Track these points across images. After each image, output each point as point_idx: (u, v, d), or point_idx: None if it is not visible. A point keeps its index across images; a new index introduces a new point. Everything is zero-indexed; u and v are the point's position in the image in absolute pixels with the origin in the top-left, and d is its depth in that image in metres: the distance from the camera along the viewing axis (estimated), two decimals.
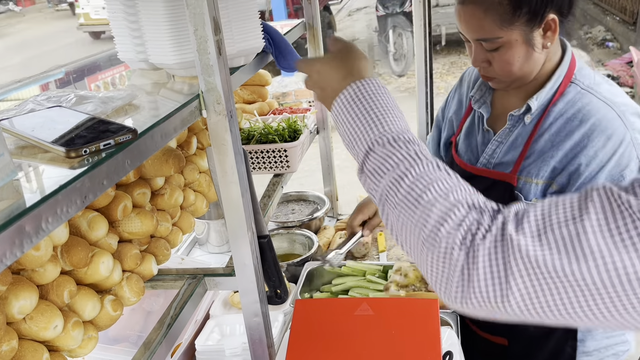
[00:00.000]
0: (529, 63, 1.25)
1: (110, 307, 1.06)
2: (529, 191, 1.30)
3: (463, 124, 1.51)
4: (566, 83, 1.28)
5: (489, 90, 1.43)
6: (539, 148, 1.28)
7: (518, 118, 1.33)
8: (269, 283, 1.34)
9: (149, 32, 1.21)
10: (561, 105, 1.27)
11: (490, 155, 1.38)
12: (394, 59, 8.58)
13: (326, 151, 2.47)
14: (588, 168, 1.21)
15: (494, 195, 1.29)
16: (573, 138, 1.23)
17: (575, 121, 1.24)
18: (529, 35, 1.21)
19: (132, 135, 0.84)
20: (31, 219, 0.63)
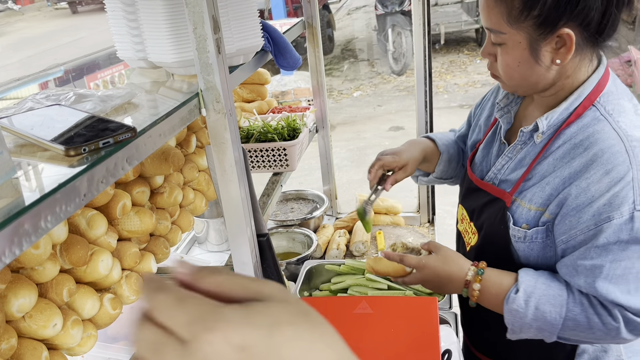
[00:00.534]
0: (531, 73, 1.14)
1: (109, 305, 1.06)
2: (520, 215, 1.21)
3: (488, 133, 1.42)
4: (587, 105, 1.14)
5: (516, 100, 1.33)
6: (541, 172, 1.18)
7: (529, 135, 1.23)
8: None
9: (148, 31, 1.21)
10: (574, 129, 1.14)
11: (498, 171, 1.29)
12: (393, 58, 8.58)
13: (325, 150, 2.47)
14: (576, 200, 1.10)
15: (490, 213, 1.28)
16: (572, 165, 1.12)
17: (581, 148, 1.12)
18: (535, 43, 1.10)
19: (132, 134, 0.84)
20: (30, 217, 0.63)
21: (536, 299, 1.14)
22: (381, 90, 8.10)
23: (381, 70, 8.98)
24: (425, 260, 1.26)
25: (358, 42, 10.90)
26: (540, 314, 1.14)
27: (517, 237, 1.22)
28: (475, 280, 1.21)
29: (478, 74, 8.24)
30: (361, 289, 1.71)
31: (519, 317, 1.16)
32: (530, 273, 1.18)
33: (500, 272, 1.22)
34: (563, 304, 1.13)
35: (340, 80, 8.76)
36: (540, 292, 1.14)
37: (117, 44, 1.32)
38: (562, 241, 1.15)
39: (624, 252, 1.07)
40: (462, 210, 1.43)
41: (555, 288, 1.15)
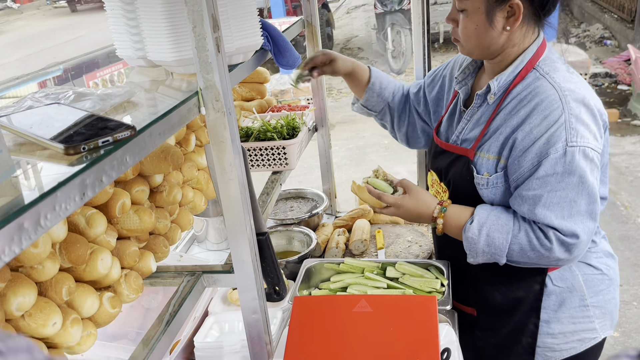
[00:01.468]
0: (485, 37, 1.34)
1: (109, 304, 1.06)
2: (481, 165, 1.41)
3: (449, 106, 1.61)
4: (528, 69, 1.37)
5: (471, 74, 1.54)
6: (495, 126, 1.39)
7: (483, 98, 1.43)
8: (267, 280, 1.35)
9: (148, 29, 1.21)
10: (520, 88, 1.37)
11: (460, 132, 1.50)
12: (392, 57, 8.57)
13: (325, 148, 2.47)
14: (522, 142, 1.31)
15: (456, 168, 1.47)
16: (519, 115, 1.33)
17: (525, 101, 1.34)
18: (490, 10, 1.30)
19: (131, 133, 0.84)
20: (30, 216, 0.63)
21: (487, 228, 1.37)
22: None
23: (381, 69, 8.97)
24: (400, 200, 1.49)
25: (357, 41, 10.89)
26: (491, 240, 1.37)
27: (481, 185, 1.42)
28: (439, 217, 1.45)
29: None
30: (360, 288, 1.71)
31: (474, 243, 1.39)
32: (485, 207, 1.41)
33: (462, 208, 1.45)
34: (509, 231, 1.35)
35: (339, 79, 8.74)
36: (490, 222, 1.37)
37: (116, 43, 1.32)
38: (514, 180, 1.35)
39: (559, 183, 1.28)
40: (432, 175, 1.62)
41: (504, 219, 1.37)
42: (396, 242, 2.20)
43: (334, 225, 2.42)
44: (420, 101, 1.81)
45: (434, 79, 1.75)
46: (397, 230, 2.29)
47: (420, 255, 2.08)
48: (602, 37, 8.71)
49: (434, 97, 1.74)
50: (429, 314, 1.28)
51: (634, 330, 3.07)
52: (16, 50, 12.36)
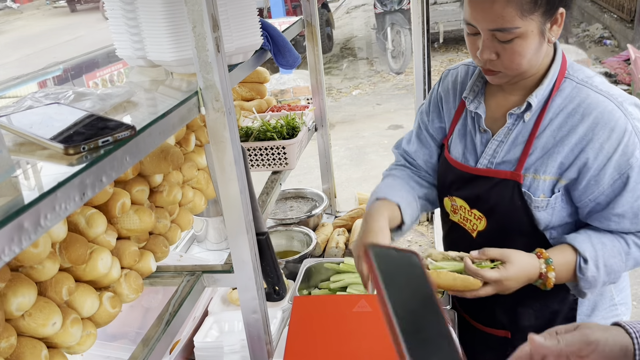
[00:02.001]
0: (537, 56, 1.26)
1: (108, 303, 1.06)
2: (536, 188, 1.31)
3: (454, 127, 1.48)
4: (561, 79, 1.30)
5: (481, 91, 1.43)
6: (542, 144, 1.30)
7: (517, 116, 1.33)
8: (267, 280, 1.35)
9: (147, 29, 1.21)
10: (559, 100, 1.29)
11: (491, 156, 1.37)
12: (392, 57, 8.57)
13: (324, 148, 2.47)
14: (596, 161, 1.24)
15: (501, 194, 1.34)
16: (577, 132, 1.25)
17: (577, 115, 1.26)
18: (543, 27, 1.22)
19: (131, 132, 0.84)
20: (30, 216, 0.63)
21: (602, 259, 1.27)
22: (380, 88, 8.10)
23: (380, 68, 8.98)
24: (505, 273, 1.24)
25: (357, 41, 10.90)
26: (610, 269, 1.28)
27: (540, 207, 1.32)
28: (549, 270, 1.28)
29: None
30: (360, 288, 1.71)
31: (595, 281, 1.29)
32: (582, 239, 1.30)
33: (561, 251, 1.30)
34: (621, 251, 1.29)
35: (339, 78, 8.75)
36: (601, 253, 1.28)
37: (116, 43, 1.32)
38: (590, 200, 1.28)
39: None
40: (453, 202, 1.47)
41: (608, 242, 1.29)
42: (395, 242, 2.20)
43: (334, 225, 2.42)
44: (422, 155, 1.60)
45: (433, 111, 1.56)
46: None
47: None
48: (601, 37, 8.71)
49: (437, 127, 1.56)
50: None
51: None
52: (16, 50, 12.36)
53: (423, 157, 1.60)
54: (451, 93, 1.52)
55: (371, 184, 5.08)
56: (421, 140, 1.60)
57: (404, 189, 1.54)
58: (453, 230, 1.53)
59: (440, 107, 1.55)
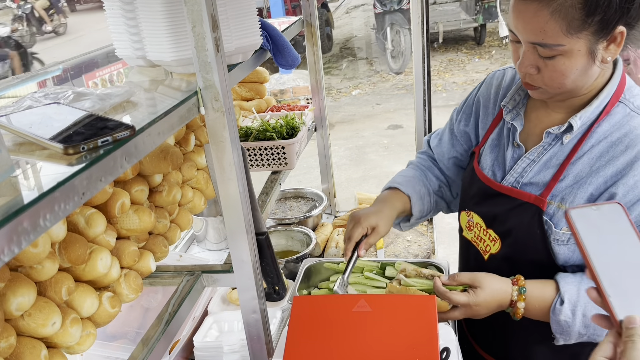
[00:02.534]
0: (584, 76, 1.11)
1: (108, 303, 1.06)
2: (560, 218, 1.18)
3: (489, 135, 1.37)
4: (614, 102, 1.15)
5: (522, 101, 1.29)
6: (576, 172, 1.17)
7: (555, 136, 1.20)
8: (267, 280, 1.35)
9: (147, 29, 1.21)
10: (606, 126, 1.15)
11: (519, 174, 1.25)
12: (391, 57, 8.58)
13: (324, 148, 2.47)
14: (624, 198, 1.10)
15: (521, 218, 1.23)
16: (615, 165, 1.12)
17: (621, 146, 1.12)
18: (593, 47, 1.06)
19: (130, 132, 0.84)
20: (29, 216, 0.63)
21: (582, 307, 1.14)
22: (380, 88, 8.10)
23: (380, 68, 8.98)
24: (474, 298, 1.22)
25: (357, 41, 10.90)
26: (589, 321, 1.14)
27: (560, 241, 1.20)
28: (519, 300, 1.20)
29: (476, 72, 8.24)
30: (360, 287, 1.71)
31: (567, 327, 1.17)
32: (570, 280, 1.17)
33: (541, 285, 1.20)
34: None
35: (338, 78, 8.76)
36: (585, 300, 1.14)
37: (116, 43, 1.32)
38: None
39: None
40: (470, 217, 1.38)
41: None
42: (395, 242, 2.20)
43: (334, 224, 2.42)
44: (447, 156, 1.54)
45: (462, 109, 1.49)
46: (396, 229, 2.30)
47: (419, 255, 2.08)
48: None
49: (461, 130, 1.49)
50: (428, 314, 1.28)
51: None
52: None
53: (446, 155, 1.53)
54: (492, 98, 1.40)
55: (371, 184, 5.08)
56: (445, 139, 1.54)
57: (419, 181, 1.51)
58: (465, 247, 1.46)
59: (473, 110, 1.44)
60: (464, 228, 1.43)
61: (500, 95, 1.37)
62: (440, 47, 9.45)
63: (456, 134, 1.49)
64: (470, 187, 1.40)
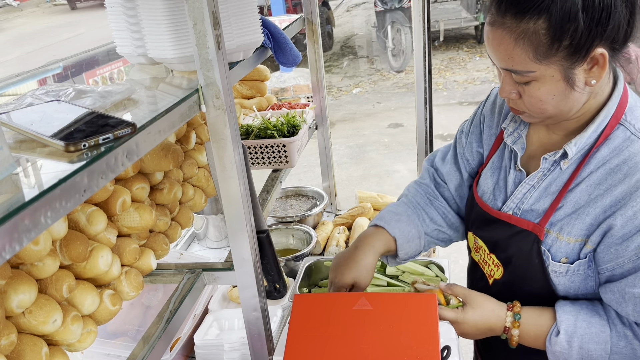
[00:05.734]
0: (566, 102, 1.05)
1: (109, 301, 1.06)
2: (558, 249, 1.13)
3: (491, 157, 1.31)
4: (613, 124, 1.08)
5: (524, 123, 1.23)
6: (574, 200, 1.11)
7: (553, 162, 1.15)
8: (267, 278, 1.35)
9: (148, 27, 1.21)
10: (605, 151, 1.08)
11: (519, 200, 1.20)
12: (392, 55, 8.57)
13: (325, 146, 2.47)
14: (623, 229, 1.04)
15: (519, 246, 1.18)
16: (614, 194, 1.05)
17: (619, 174, 1.05)
18: (569, 72, 1.01)
19: (131, 130, 0.84)
20: (30, 213, 0.63)
21: (579, 339, 1.11)
22: (380, 87, 8.10)
23: (380, 67, 8.98)
24: (462, 315, 1.19)
25: (357, 39, 10.89)
26: (585, 353, 1.11)
27: (558, 272, 1.15)
28: (513, 326, 1.17)
29: (477, 71, 8.24)
30: None
31: (564, 358, 1.14)
32: (569, 310, 1.14)
33: (538, 313, 1.17)
34: (607, 340, 1.10)
35: (339, 77, 8.75)
36: (582, 331, 1.11)
37: (117, 40, 1.32)
38: (607, 269, 1.09)
39: None
40: (476, 239, 1.33)
41: (597, 324, 1.11)
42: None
43: (334, 223, 2.42)
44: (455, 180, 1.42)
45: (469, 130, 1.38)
46: None
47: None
48: None
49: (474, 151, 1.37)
50: (429, 312, 1.28)
51: None
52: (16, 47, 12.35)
53: (455, 181, 1.41)
54: (496, 115, 1.32)
55: (371, 182, 5.09)
56: (456, 163, 1.41)
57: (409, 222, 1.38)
58: (472, 268, 1.41)
59: (481, 129, 1.35)
60: (472, 249, 1.37)
61: (503, 114, 1.30)
62: (441, 45, 9.43)
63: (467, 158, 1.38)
64: (470, 210, 1.35)
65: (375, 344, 1.24)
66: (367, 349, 1.23)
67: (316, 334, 1.29)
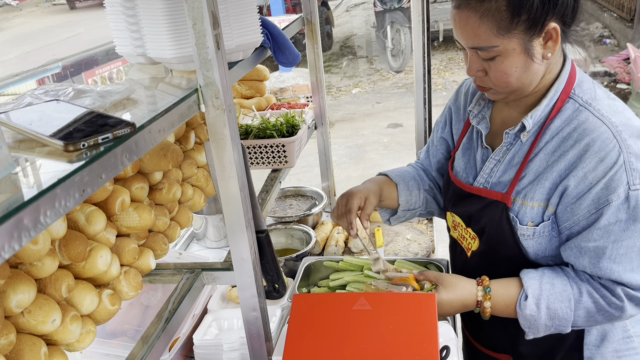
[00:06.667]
0: (527, 74, 1.18)
1: (108, 301, 1.06)
2: (524, 214, 1.25)
3: (462, 140, 1.45)
4: (564, 98, 1.21)
5: (487, 105, 1.37)
6: (534, 168, 1.23)
7: (514, 136, 1.27)
8: (266, 278, 1.35)
9: (147, 26, 1.21)
10: (558, 122, 1.21)
11: (488, 175, 1.32)
12: (391, 55, 8.57)
13: (324, 146, 2.47)
14: (576, 189, 1.16)
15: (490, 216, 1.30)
16: (567, 158, 1.18)
17: (571, 140, 1.18)
18: (527, 45, 1.14)
19: (131, 129, 0.84)
20: (30, 212, 0.63)
21: (545, 300, 1.21)
22: (380, 87, 8.10)
23: (380, 67, 8.98)
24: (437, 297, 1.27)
25: (357, 39, 10.89)
26: (553, 313, 1.21)
27: (526, 236, 1.26)
28: (485, 299, 1.27)
29: None
30: (360, 286, 1.71)
31: (534, 320, 1.23)
32: (532, 275, 1.24)
33: (506, 283, 1.27)
34: (570, 297, 1.20)
35: (338, 77, 8.75)
36: (547, 292, 1.21)
37: (116, 40, 1.32)
38: (566, 227, 1.21)
39: (624, 232, 1.14)
40: (453, 217, 1.45)
41: (559, 284, 1.21)
42: (395, 240, 2.20)
43: (333, 223, 2.42)
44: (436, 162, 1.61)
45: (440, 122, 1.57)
46: (396, 228, 2.29)
47: (419, 253, 2.09)
48: (601, 35, 8.72)
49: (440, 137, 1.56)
50: (428, 312, 1.28)
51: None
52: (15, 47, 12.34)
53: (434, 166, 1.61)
54: (462, 105, 1.47)
55: None
56: (430, 151, 1.62)
57: (410, 175, 1.58)
58: (453, 246, 1.53)
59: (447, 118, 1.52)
60: (450, 227, 1.50)
61: (469, 101, 1.44)
62: (440, 45, 9.44)
63: (436, 143, 1.57)
64: (447, 189, 1.48)
65: (374, 344, 1.24)
66: (367, 349, 1.23)
67: (315, 334, 1.29)
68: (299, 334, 1.30)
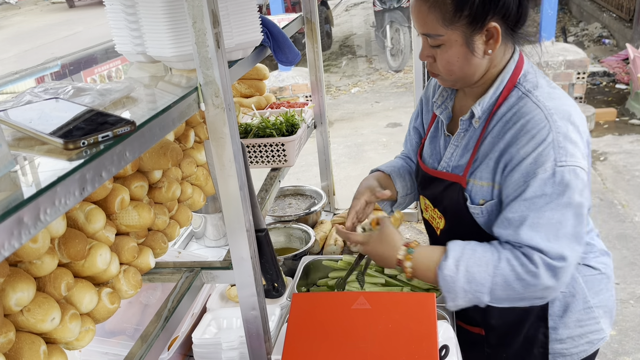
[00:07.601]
0: (469, 66, 1.29)
1: (107, 299, 1.06)
2: (476, 194, 1.36)
3: (429, 129, 1.58)
4: (510, 87, 1.32)
5: (450, 96, 1.49)
6: (484, 151, 1.34)
7: (468, 123, 1.39)
8: (266, 277, 1.35)
9: (147, 25, 1.21)
10: (504, 109, 1.32)
11: (449, 159, 1.44)
12: (391, 55, 8.57)
13: (323, 146, 2.47)
14: (510, 163, 1.26)
15: (450, 196, 1.42)
16: (505, 138, 1.28)
17: (511, 123, 1.29)
18: (469, 39, 1.25)
19: (131, 128, 0.84)
20: (29, 211, 0.63)
21: (465, 262, 1.28)
22: (379, 86, 8.10)
23: (379, 66, 8.97)
24: (367, 237, 1.44)
25: (356, 39, 10.88)
26: (471, 276, 1.27)
27: (477, 214, 1.37)
28: (406, 259, 1.36)
29: None
30: (359, 285, 1.71)
31: (452, 282, 1.28)
32: (457, 242, 1.33)
33: (432, 248, 1.37)
34: (489, 262, 1.27)
35: (338, 76, 8.75)
36: (468, 256, 1.29)
37: (116, 38, 1.31)
38: (505, 203, 1.29)
39: (547, 204, 1.22)
40: (424, 200, 1.57)
41: (481, 251, 1.29)
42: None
43: (333, 222, 2.42)
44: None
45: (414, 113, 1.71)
46: None
47: None
48: (600, 36, 8.72)
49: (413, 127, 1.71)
50: (427, 311, 1.28)
51: (630, 329, 3.08)
52: (14, 45, 12.32)
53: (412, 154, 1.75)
54: (430, 97, 1.60)
55: None
56: (407, 140, 1.76)
57: (399, 164, 1.73)
58: (427, 226, 1.65)
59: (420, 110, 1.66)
60: (423, 210, 1.61)
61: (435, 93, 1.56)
62: None
63: (412, 134, 1.71)
64: (417, 174, 1.62)
65: (373, 343, 1.24)
66: (366, 348, 1.23)
67: (314, 333, 1.29)
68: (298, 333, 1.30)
